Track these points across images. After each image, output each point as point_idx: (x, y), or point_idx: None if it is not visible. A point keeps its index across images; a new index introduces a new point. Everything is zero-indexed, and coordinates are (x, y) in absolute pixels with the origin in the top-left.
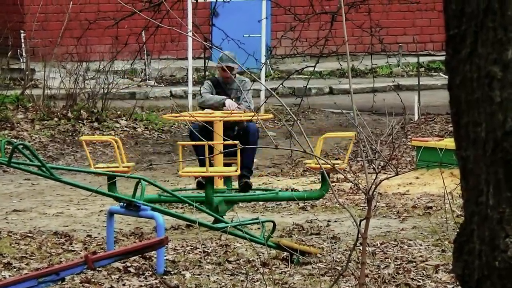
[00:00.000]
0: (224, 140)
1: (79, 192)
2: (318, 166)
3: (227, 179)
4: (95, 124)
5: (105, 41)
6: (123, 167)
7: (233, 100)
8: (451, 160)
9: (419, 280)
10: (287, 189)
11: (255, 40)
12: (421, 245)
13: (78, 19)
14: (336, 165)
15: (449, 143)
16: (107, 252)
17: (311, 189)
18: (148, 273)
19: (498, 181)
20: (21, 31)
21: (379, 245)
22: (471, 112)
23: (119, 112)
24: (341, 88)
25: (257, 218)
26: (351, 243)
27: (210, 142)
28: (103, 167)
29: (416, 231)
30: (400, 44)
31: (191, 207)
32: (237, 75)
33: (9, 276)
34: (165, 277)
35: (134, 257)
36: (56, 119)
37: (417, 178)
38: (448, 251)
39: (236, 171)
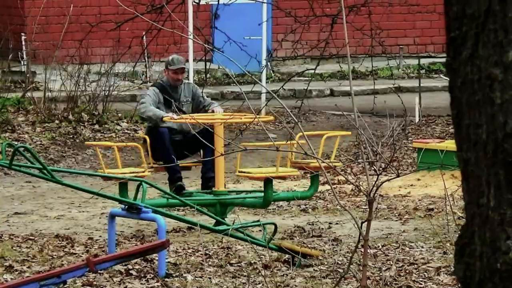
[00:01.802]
0: (185, 144)
1: (81, 195)
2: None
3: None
4: (96, 126)
5: (106, 44)
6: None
7: (183, 103)
8: (452, 162)
9: (421, 282)
10: (288, 191)
11: (256, 43)
12: (422, 247)
13: (79, 22)
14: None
15: (450, 145)
16: (109, 255)
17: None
18: (150, 276)
19: (499, 183)
20: (22, 33)
21: (380, 247)
22: (472, 114)
23: (120, 115)
24: (341, 90)
25: (258, 221)
26: (352, 245)
27: (130, 144)
28: (128, 172)
29: (417, 233)
30: (401, 46)
31: (193, 209)
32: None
33: (11, 279)
34: (166, 279)
35: (136, 260)
36: (57, 121)
37: (418, 180)
38: (449, 253)
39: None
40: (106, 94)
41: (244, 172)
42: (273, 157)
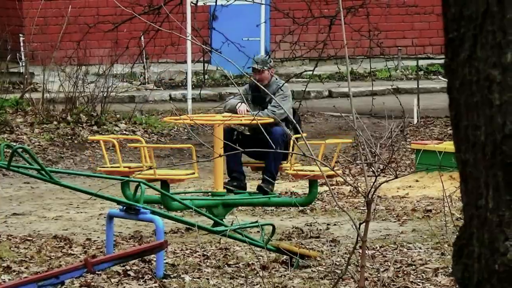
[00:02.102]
0: (253, 143)
1: (79, 196)
2: (297, 173)
3: None
4: (95, 127)
5: (104, 45)
6: (124, 167)
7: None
8: (450, 163)
9: (419, 284)
10: (286, 193)
11: (254, 44)
12: (420, 248)
13: (77, 23)
14: (324, 172)
15: (448, 146)
16: (107, 255)
17: (304, 194)
18: (148, 277)
19: (497, 184)
20: (20, 34)
21: (378, 248)
22: (470, 115)
23: (118, 116)
24: (340, 92)
25: (256, 222)
26: (350, 246)
27: (182, 146)
28: (133, 168)
29: (415, 234)
30: (399, 48)
31: (191, 210)
32: (277, 78)
33: (9, 279)
34: (164, 280)
35: (134, 261)
36: (55, 122)
37: (417, 181)
38: (447, 254)
39: (192, 173)
40: (104, 95)
41: (302, 171)
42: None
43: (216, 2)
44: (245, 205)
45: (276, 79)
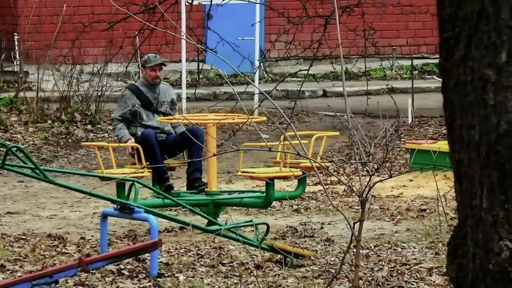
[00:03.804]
0: (169, 144)
1: (73, 195)
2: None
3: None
4: (89, 126)
5: (98, 44)
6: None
7: (162, 103)
8: (444, 162)
9: (413, 283)
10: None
11: (249, 43)
12: (414, 247)
13: (72, 22)
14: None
15: (442, 145)
16: (101, 254)
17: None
18: (142, 276)
19: (491, 184)
20: (15, 33)
21: (372, 247)
22: (464, 115)
23: (112, 115)
24: (334, 91)
25: (250, 221)
26: (344, 246)
27: (128, 144)
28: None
29: (409, 234)
30: (394, 47)
31: (185, 209)
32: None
33: (3, 278)
34: (158, 279)
35: (128, 260)
36: (49, 121)
37: (411, 180)
38: (441, 253)
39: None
40: (99, 94)
41: (248, 172)
42: (265, 157)
43: (211, 1)
44: (244, 205)
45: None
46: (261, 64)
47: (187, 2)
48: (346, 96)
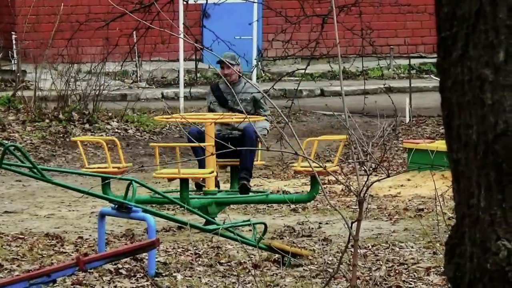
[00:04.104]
0: (223, 141)
1: (71, 194)
2: (304, 169)
3: (233, 181)
4: (87, 125)
5: (96, 43)
6: (113, 167)
7: (244, 102)
8: (442, 162)
9: (411, 282)
10: (278, 191)
11: (246, 42)
12: (412, 247)
13: (69, 21)
14: (327, 168)
15: (440, 145)
16: (99, 254)
17: (302, 191)
18: (140, 275)
19: (489, 184)
20: (12, 32)
21: (370, 247)
22: (462, 114)
23: (110, 114)
24: (332, 90)
25: (248, 220)
26: (342, 245)
27: (203, 144)
28: (94, 168)
29: (407, 233)
30: (391, 46)
31: (183, 208)
32: (247, 80)
33: (0, 277)
34: (156, 279)
35: (126, 259)
36: (47, 120)
37: (409, 180)
38: (439, 253)
39: (211, 172)
40: (96, 93)
41: (303, 167)
42: (264, 156)
43: (206, 0)
44: (242, 203)
45: (246, 80)
46: (259, 63)
47: (184, 0)
48: (343, 95)
